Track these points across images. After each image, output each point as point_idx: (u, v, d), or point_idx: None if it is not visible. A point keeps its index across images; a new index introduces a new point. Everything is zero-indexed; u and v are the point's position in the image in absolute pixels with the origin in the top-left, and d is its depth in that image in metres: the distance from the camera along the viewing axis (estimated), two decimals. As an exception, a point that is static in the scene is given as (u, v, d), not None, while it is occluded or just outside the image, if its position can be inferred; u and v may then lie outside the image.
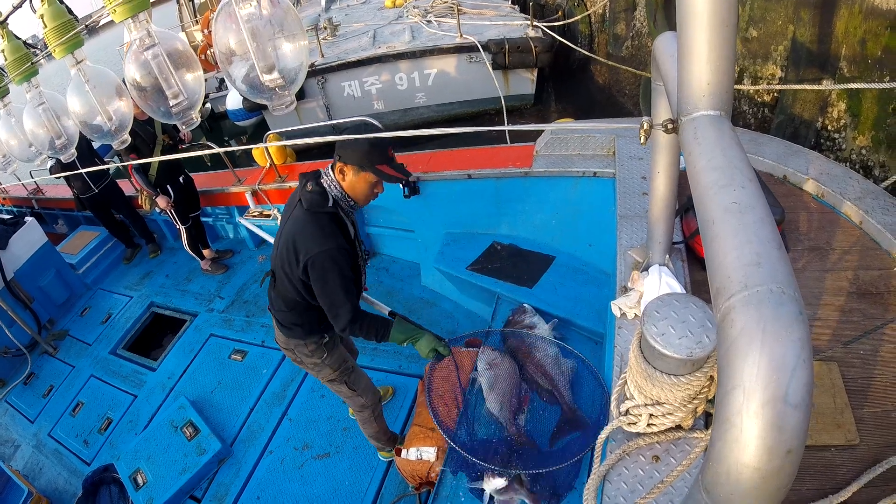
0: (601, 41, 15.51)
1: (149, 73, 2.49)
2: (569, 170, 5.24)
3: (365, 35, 16.03)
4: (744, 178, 1.32)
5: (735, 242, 1.16)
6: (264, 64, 2.18)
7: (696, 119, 1.61)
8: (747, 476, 0.98)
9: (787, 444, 0.94)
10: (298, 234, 3.74)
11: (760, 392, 0.94)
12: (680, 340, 1.97)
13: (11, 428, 7.98)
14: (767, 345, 0.95)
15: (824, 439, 2.62)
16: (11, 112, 4.23)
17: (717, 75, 1.57)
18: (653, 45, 2.32)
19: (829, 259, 3.55)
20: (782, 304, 1.00)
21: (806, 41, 7.70)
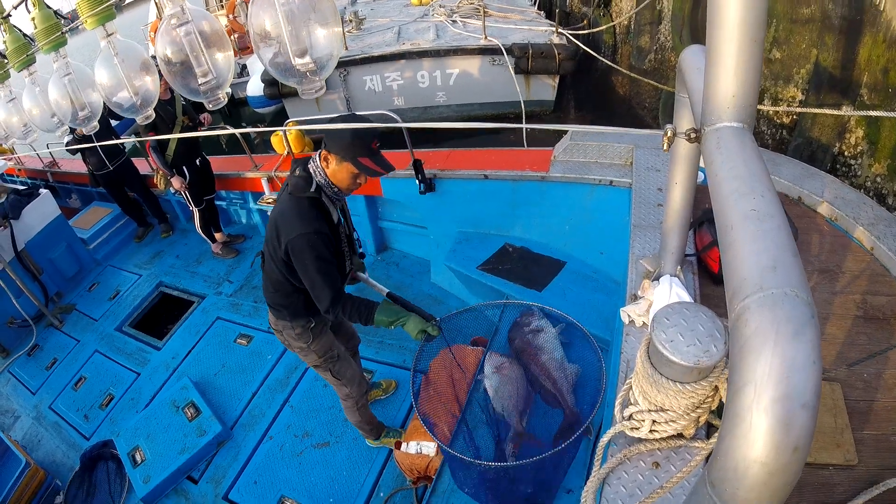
0: (624, 53, 15.50)
1: (180, 49, 2.52)
2: (585, 177, 5.25)
3: (390, 31, 16.03)
4: (763, 187, 1.35)
5: (753, 248, 1.19)
6: (297, 48, 2.21)
7: (720, 130, 1.64)
8: (754, 472, 1.00)
9: (795, 442, 0.96)
10: (280, 216, 3.83)
11: (771, 389, 0.96)
12: (688, 348, 1.99)
13: (13, 398, 8.00)
14: (780, 345, 0.98)
15: (824, 458, 2.64)
16: (36, 81, 4.26)
17: (743, 88, 1.60)
18: (679, 57, 2.34)
19: (838, 282, 3.57)
20: (796, 307, 1.02)
21: (828, 66, 7.71)
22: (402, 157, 6.48)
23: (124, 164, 9.43)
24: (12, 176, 12.45)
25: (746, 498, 1.05)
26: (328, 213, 3.95)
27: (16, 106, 4.67)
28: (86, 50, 6.59)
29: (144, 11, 26.63)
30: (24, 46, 4.04)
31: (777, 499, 1.04)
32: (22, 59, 4.05)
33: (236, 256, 9.12)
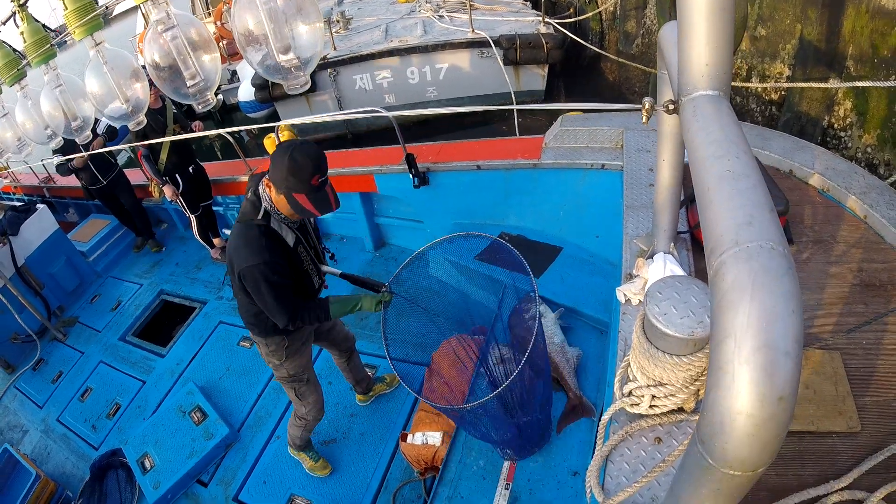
0: (612, 38, 15.52)
1: (167, 54, 2.55)
2: (577, 162, 5.27)
3: (377, 29, 16.02)
4: (739, 150, 1.37)
5: (729, 205, 1.21)
6: (281, 45, 2.24)
7: (696, 98, 1.66)
8: (741, 423, 1.01)
9: (779, 391, 0.97)
10: (231, 244, 3.81)
11: (751, 339, 0.98)
12: (681, 320, 2.01)
13: (20, 413, 8.02)
14: (758, 296, 1.00)
15: (826, 426, 2.66)
16: (28, 95, 4.28)
17: (716, 57, 1.63)
18: (658, 34, 2.37)
19: (833, 252, 3.59)
20: (773, 259, 1.04)
21: (813, 40, 7.73)
22: (395, 151, 6.51)
23: (116, 179, 9.43)
24: (8, 194, 12.47)
25: (735, 452, 1.06)
26: (279, 239, 3.85)
27: (9, 121, 4.70)
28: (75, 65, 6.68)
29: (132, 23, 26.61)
30: (15, 61, 4.06)
31: (766, 452, 1.05)
32: (13, 73, 4.08)
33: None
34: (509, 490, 4.15)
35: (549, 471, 4.16)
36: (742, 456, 1.06)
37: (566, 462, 4.18)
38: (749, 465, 1.08)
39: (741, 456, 1.06)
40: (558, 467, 4.17)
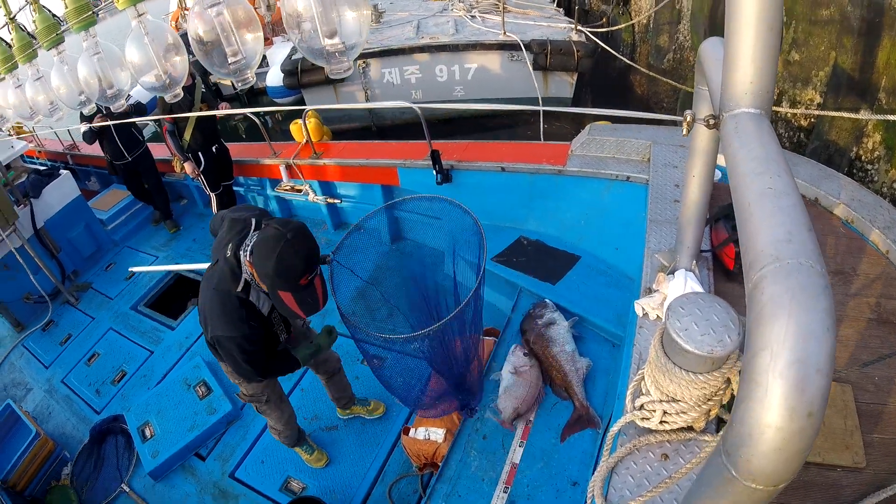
0: (643, 52, 15.48)
1: (211, 29, 2.56)
2: (602, 172, 5.26)
3: (409, 24, 16.01)
4: (779, 168, 1.38)
5: (769, 222, 1.22)
6: (327, 28, 2.25)
7: (738, 115, 1.67)
8: (769, 436, 1.02)
9: (809, 407, 0.98)
10: (206, 306, 3.67)
11: (787, 354, 0.99)
12: (702, 337, 2.01)
13: (26, 371, 8.10)
14: (795, 311, 1.01)
15: (832, 458, 2.65)
16: (65, 60, 4.31)
17: (760, 75, 1.63)
18: (699, 49, 2.37)
19: (852, 284, 3.57)
20: (811, 277, 1.06)
21: (847, 69, 7.70)
22: (420, 147, 6.51)
23: (142, 155, 9.47)
24: (32, 158, 12.55)
25: (761, 465, 1.07)
26: (257, 310, 3.75)
27: (42, 84, 4.73)
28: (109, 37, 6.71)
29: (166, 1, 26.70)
30: (54, 26, 4.10)
31: (791, 467, 1.06)
32: (51, 38, 4.11)
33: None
34: (508, 493, 4.16)
35: (550, 478, 4.16)
36: (767, 469, 1.07)
37: (566, 471, 4.17)
38: (772, 479, 1.08)
39: (766, 469, 1.07)
40: (559, 476, 4.16)
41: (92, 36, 3.79)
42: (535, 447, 4.36)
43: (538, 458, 4.29)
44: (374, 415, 5.73)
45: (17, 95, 5.04)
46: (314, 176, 8.04)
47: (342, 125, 15.66)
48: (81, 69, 3.96)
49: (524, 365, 4.65)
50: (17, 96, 5.05)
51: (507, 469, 4.28)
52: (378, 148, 7.40)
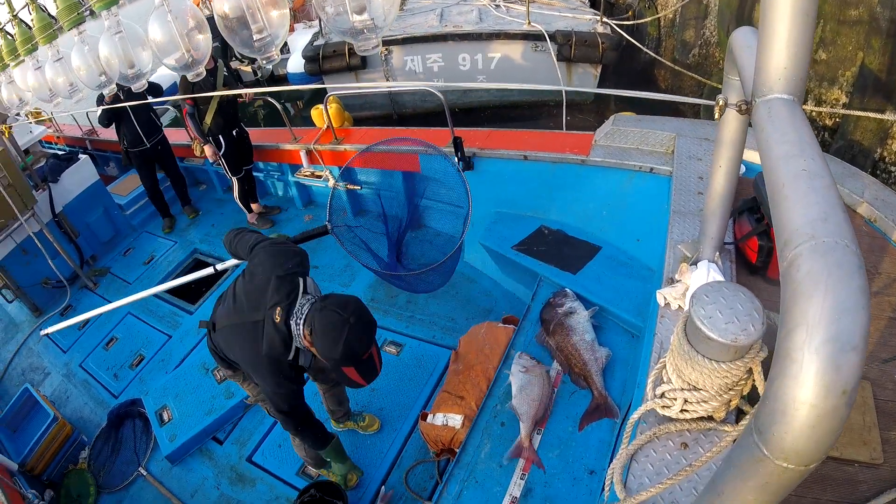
0: (668, 46, 15.41)
1: (237, 5, 2.56)
2: (626, 163, 5.25)
3: (432, 12, 15.97)
4: (813, 151, 1.38)
5: (804, 202, 1.22)
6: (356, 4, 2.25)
7: (771, 101, 1.66)
8: (803, 414, 1.02)
9: (843, 385, 0.98)
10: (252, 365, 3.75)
11: (823, 330, 0.99)
12: (726, 325, 2.01)
13: (44, 356, 8.18)
14: (831, 288, 1.01)
15: (850, 453, 2.65)
16: (86, 40, 4.31)
17: (794, 62, 1.63)
18: (730, 38, 2.36)
19: (874, 283, 3.56)
20: (846, 256, 1.06)
21: (874, 69, 7.65)
22: (442, 133, 6.50)
23: (161, 141, 9.42)
24: (50, 143, 12.59)
25: (793, 443, 1.06)
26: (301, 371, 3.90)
27: (62, 66, 4.74)
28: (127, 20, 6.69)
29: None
30: (75, 5, 4.10)
31: (823, 445, 1.05)
32: (72, 17, 4.11)
33: (271, 227, 9.17)
34: (524, 480, 4.16)
35: (567, 466, 4.16)
36: (799, 447, 1.06)
37: (584, 460, 4.17)
38: (804, 458, 1.08)
39: (798, 447, 1.07)
40: (576, 464, 4.16)
41: (114, 15, 3.80)
42: (553, 435, 4.36)
43: (555, 446, 4.28)
44: (369, 431, 5.64)
45: (37, 77, 5.06)
46: (335, 162, 8.03)
47: (363, 112, 15.68)
48: (103, 48, 3.97)
49: (532, 363, 4.64)
50: (36, 78, 5.07)
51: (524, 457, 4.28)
52: (399, 134, 7.37)
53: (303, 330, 3.52)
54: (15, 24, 4.96)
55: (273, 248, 3.95)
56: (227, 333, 3.88)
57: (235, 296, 3.89)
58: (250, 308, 3.73)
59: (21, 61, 5.26)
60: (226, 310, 3.93)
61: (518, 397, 4.48)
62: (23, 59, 5.20)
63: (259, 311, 3.67)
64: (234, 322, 3.80)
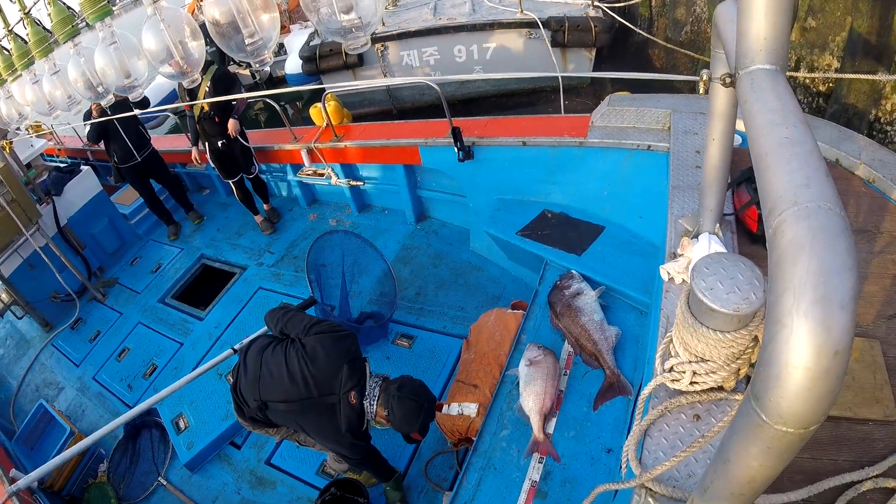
0: (660, 25, 15.40)
1: (227, 11, 2.59)
2: (623, 142, 5.25)
3: (426, 6, 16.01)
4: (796, 119, 1.39)
5: (787, 168, 1.23)
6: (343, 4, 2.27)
7: (753, 72, 1.69)
8: (797, 377, 1.03)
9: (835, 345, 0.99)
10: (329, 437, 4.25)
11: (810, 292, 1.00)
12: (727, 295, 2.01)
13: (56, 371, 8.23)
14: (816, 250, 1.02)
15: (863, 413, 2.65)
16: (81, 52, 4.35)
17: (774, 31, 1.65)
18: (714, 12, 2.37)
19: (876, 242, 3.56)
20: (830, 218, 1.07)
21: (863, 32, 7.67)
22: (441, 125, 6.52)
23: (151, 155, 9.43)
24: (52, 156, 12.63)
25: (790, 406, 1.08)
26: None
27: (59, 78, 4.77)
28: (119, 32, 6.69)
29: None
30: (69, 18, 4.13)
31: (820, 407, 1.07)
32: (67, 30, 4.14)
33: (272, 233, 9.23)
34: (543, 464, 4.17)
35: (584, 447, 4.17)
36: (796, 410, 1.08)
37: (600, 439, 4.18)
38: (802, 421, 1.09)
39: (795, 410, 1.08)
40: (592, 444, 4.18)
41: (108, 26, 3.83)
42: (568, 416, 4.38)
43: (571, 427, 4.30)
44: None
45: (35, 91, 5.09)
46: (336, 159, 8.06)
47: (362, 109, 15.70)
48: (98, 59, 4.01)
49: (538, 355, 4.65)
50: (34, 92, 5.11)
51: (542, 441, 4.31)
52: (399, 128, 7.42)
53: (377, 409, 4.15)
54: (11, 40, 4.99)
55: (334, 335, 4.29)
56: (296, 412, 4.19)
57: (291, 374, 4.15)
58: (321, 390, 4.12)
59: (18, 76, 5.30)
60: (282, 388, 4.18)
61: (523, 395, 4.50)
62: (20, 74, 5.23)
63: (333, 395, 4.11)
64: (301, 401, 4.15)
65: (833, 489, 2.37)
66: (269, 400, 4.21)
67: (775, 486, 2.34)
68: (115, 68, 4.00)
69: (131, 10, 7.34)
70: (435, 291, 6.89)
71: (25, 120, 6.06)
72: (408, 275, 7.21)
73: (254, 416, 4.38)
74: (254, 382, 4.27)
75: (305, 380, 4.09)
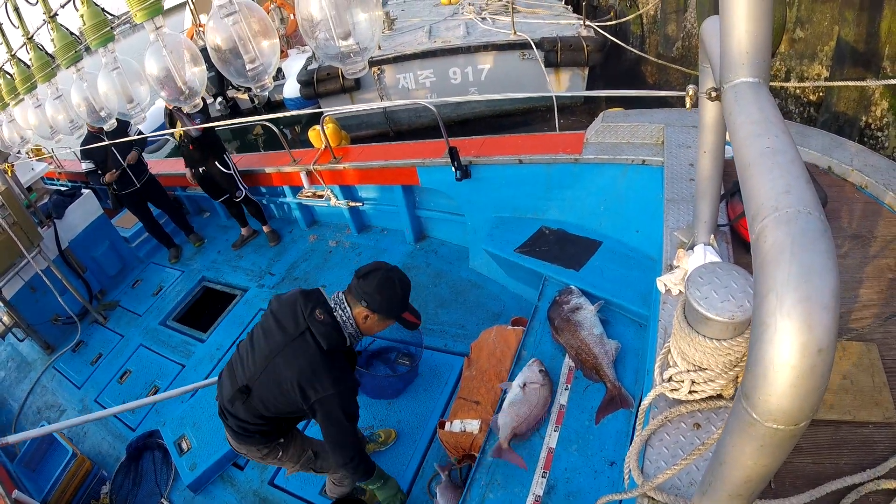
0: (652, 42, 15.51)
1: (228, 37, 2.65)
2: (618, 157, 5.30)
3: (420, 30, 16.16)
4: (777, 129, 1.45)
5: (769, 177, 1.29)
6: (341, 30, 2.33)
7: (737, 85, 1.74)
8: (783, 375, 1.08)
9: (819, 343, 1.04)
10: (307, 369, 3.70)
11: (792, 293, 1.05)
12: (722, 304, 2.06)
13: (58, 393, 8.25)
14: (797, 254, 1.07)
15: (863, 416, 2.67)
16: (84, 77, 4.41)
17: (755, 45, 1.71)
18: (700, 28, 2.43)
19: (870, 247, 3.59)
20: (809, 222, 1.12)
21: (851, 41, 7.78)
22: (438, 145, 6.58)
23: (149, 182, 9.50)
24: (52, 179, 12.67)
25: (778, 403, 1.12)
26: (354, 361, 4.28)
27: (62, 103, 4.82)
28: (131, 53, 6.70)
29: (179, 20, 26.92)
30: (72, 44, 4.18)
31: (807, 403, 1.11)
32: (70, 55, 4.19)
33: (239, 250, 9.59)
34: (546, 478, 4.19)
35: (587, 460, 4.19)
36: (785, 407, 1.12)
37: (603, 452, 4.20)
38: (791, 417, 1.14)
39: (784, 407, 1.13)
40: (595, 457, 4.19)
41: (111, 51, 3.89)
42: (571, 430, 4.39)
43: (574, 441, 4.31)
44: (389, 443, 5.69)
45: (38, 115, 5.15)
46: (335, 180, 8.11)
47: (360, 132, 15.76)
48: (101, 84, 4.07)
49: (536, 382, 4.64)
50: (37, 116, 5.16)
51: (545, 454, 4.31)
52: (396, 149, 7.46)
53: (353, 313, 3.83)
54: (14, 64, 5.05)
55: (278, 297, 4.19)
56: (276, 366, 3.77)
57: (256, 343, 3.95)
58: (286, 334, 3.79)
59: (21, 100, 5.35)
60: (254, 357, 3.90)
61: (505, 411, 4.51)
62: (22, 98, 5.28)
63: (298, 326, 3.77)
64: (273, 355, 3.79)
65: (835, 493, 2.39)
66: (249, 377, 3.88)
67: (778, 492, 2.39)
68: (117, 93, 4.06)
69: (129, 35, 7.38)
70: (435, 310, 6.92)
71: (27, 144, 6.11)
72: (408, 294, 7.27)
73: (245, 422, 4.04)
74: (230, 378, 4.06)
75: (270, 335, 3.85)
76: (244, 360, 3.97)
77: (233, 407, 3.99)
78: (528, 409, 4.48)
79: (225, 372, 4.18)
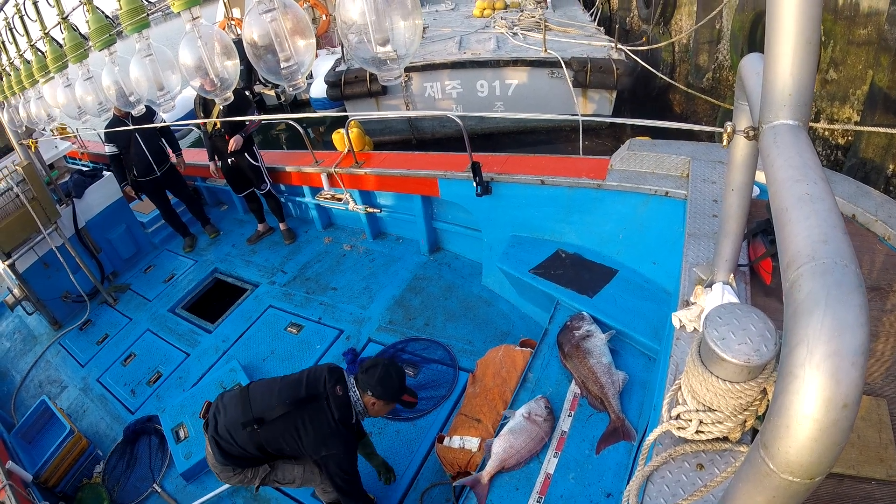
0: (682, 70, 15.48)
1: (265, 34, 2.64)
2: (641, 187, 5.28)
3: (451, 40, 16.20)
4: (816, 176, 1.43)
5: (806, 224, 1.27)
6: (380, 37, 2.32)
7: (777, 126, 1.71)
8: (806, 427, 1.06)
9: (844, 398, 1.02)
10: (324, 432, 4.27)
11: (823, 346, 1.03)
12: (739, 346, 2.03)
13: (61, 369, 8.26)
14: (831, 306, 1.05)
15: (866, 471, 2.65)
16: (116, 61, 4.42)
17: (799, 88, 1.68)
18: (739, 64, 2.40)
19: (889, 300, 3.56)
20: (845, 276, 1.10)
21: (884, 86, 7.74)
22: (461, 158, 6.57)
23: (170, 170, 9.53)
24: (75, 159, 12.72)
25: (798, 456, 1.10)
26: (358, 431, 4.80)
27: (92, 84, 4.83)
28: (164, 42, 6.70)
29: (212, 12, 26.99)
30: (106, 27, 4.18)
31: (826, 458, 1.09)
32: (104, 38, 4.20)
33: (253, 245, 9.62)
34: (541, 503, 4.17)
35: (584, 489, 4.15)
36: (803, 460, 1.10)
37: (601, 482, 4.16)
38: (809, 471, 1.12)
39: (802, 460, 1.11)
40: (592, 486, 4.16)
41: (145, 38, 3.89)
42: (570, 458, 4.37)
43: (572, 469, 4.29)
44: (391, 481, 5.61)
45: (66, 95, 5.16)
46: (355, 185, 8.13)
47: (383, 137, 15.84)
48: (134, 70, 4.08)
49: (539, 415, 4.61)
50: (66, 95, 5.17)
51: (541, 479, 4.28)
52: (419, 158, 7.46)
53: (362, 398, 4.40)
54: (46, 42, 5.06)
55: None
56: (293, 414, 4.30)
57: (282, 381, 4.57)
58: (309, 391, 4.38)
59: (51, 78, 5.36)
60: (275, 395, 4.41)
61: (501, 438, 4.51)
62: (52, 76, 5.29)
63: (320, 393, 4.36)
64: (295, 402, 4.33)
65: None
66: (264, 412, 4.30)
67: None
68: (149, 80, 4.07)
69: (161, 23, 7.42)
70: (444, 323, 6.89)
71: (53, 122, 6.12)
72: (418, 304, 7.22)
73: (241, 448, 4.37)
74: (243, 407, 4.38)
75: (297, 383, 4.42)
76: (262, 391, 4.50)
77: (234, 431, 4.37)
78: (524, 440, 4.46)
79: (229, 398, 4.55)
